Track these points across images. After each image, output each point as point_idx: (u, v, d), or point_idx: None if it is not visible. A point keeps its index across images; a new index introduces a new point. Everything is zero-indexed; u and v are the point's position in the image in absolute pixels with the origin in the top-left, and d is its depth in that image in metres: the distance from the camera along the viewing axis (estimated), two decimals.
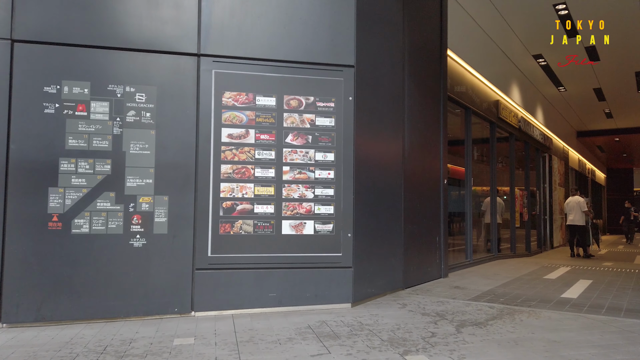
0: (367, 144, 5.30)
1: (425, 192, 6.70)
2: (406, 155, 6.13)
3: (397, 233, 5.86)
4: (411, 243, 6.20)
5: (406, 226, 6.06)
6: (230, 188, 4.74)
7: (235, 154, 4.77)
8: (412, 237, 6.24)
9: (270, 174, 4.84)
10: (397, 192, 5.88)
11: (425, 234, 6.65)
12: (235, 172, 4.76)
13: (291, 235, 4.85)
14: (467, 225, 8.85)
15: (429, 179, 6.87)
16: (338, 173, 4.99)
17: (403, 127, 6.08)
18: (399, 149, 5.95)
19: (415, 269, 6.34)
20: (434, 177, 7.03)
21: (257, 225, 4.78)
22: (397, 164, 5.91)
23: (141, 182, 4.53)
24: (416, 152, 6.45)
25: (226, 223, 4.70)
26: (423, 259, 6.59)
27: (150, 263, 4.50)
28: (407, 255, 6.05)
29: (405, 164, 6.10)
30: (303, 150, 4.93)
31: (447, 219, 7.27)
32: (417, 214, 6.41)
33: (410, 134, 6.26)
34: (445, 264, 7.19)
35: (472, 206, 9.00)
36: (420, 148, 6.57)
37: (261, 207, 4.80)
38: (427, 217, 6.70)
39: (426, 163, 6.78)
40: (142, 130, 4.57)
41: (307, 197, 4.91)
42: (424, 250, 6.61)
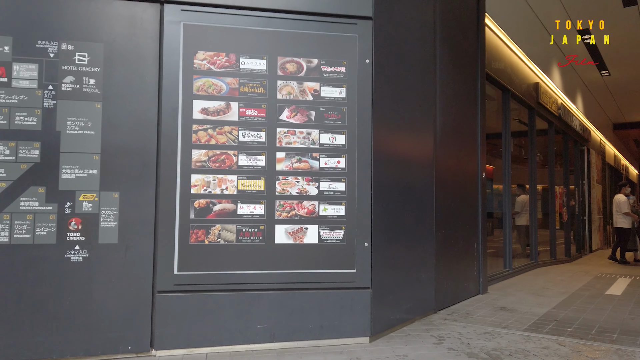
0: (389, 123, 4.01)
1: (460, 188, 5.38)
2: (438, 141, 4.82)
3: (428, 240, 4.56)
4: (444, 252, 4.89)
5: (438, 231, 4.75)
6: (204, 181, 3.50)
7: (212, 135, 3.53)
8: (446, 244, 4.94)
9: (259, 163, 3.59)
10: (427, 187, 4.58)
11: (460, 240, 5.33)
12: (211, 160, 3.52)
13: (288, 245, 3.59)
14: (505, 228, 7.49)
15: (465, 172, 5.55)
16: (351, 161, 3.71)
17: (434, 105, 4.77)
18: (429, 133, 4.64)
19: (450, 285, 5.03)
20: (471, 169, 5.71)
21: (241, 231, 3.53)
22: (428, 152, 4.61)
23: (82, 173, 3.32)
24: (450, 138, 5.13)
25: (199, 229, 3.47)
26: (458, 271, 5.27)
27: (93, 284, 3.28)
28: (439, 269, 4.74)
29: (437, 151, 4.79)
30: (304, 131, 3.66)
31: (487, 220, 5.94)
32: (451, 215, 5.10)
33: (443, 114, 4.95)
34: (485, 277, 5.87)
35: (510, 206, 7.63)
36: (454, 133, 5.25)
37: (247, 208, 3.55)
38: (462, 220, 5.39)
39: (462, 152, 5.46)
40: (83, 102, 3.35)
41: (309, 193, 3.64)
42: (459, 260, 5.29)
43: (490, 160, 7.58)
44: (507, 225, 7.49)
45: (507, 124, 7.61)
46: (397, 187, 4.11)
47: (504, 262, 7.48)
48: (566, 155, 11.76)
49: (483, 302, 5.29)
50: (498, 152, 7.73)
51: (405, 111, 4.27)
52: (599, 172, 16.08)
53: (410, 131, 4.36)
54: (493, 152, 7.61)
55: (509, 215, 7.54)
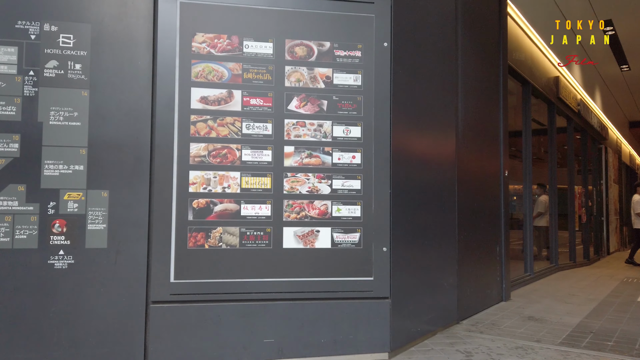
0: (408, 114, 3.62)
1: (482, 186, 4.98)
2: (460, 136, 4.42)
3: (450, 244, 4.16)
4: (466, 257, 4.49)
5: (460, 234, 4.35)
6: (204, 179, 3.13)
7: (212, 127, 3.16)
8: (468, 248, 4.53)
9: (265, 158, 3.21)
10: (449, 185, 4.19)
11: (483, 243, 4.92)
12: (211, 155, 3.15)
13: (297, 250, 3.21)
14: (526, 230, 7.06)
15: (487, 170, 5.15)
16: (367, 156, 3.33)
17: (456, 97, 4.38)
18: (451, 127, 4.24)
19: (472, 292, 4.62)
20: (493, 167, 5.30)
21: (245, 234, 3.15)
22: (449, 147, 4.21)
23: (66, 169, 2.96)
24: (472, 132, 4.73)
25: (198, 232, 3.10)
26: (481, 277, 4.87)
27: (80, 293, 2.92)
28: (461, 275, 4.34)
29: (460, 147, 4.39)
30: (314, 123, 3.28)
31: (509, 221, 5.53)
32: (474, 216, 4.70)
33: (464, 108, 4.55)
34: (508, 283, 5.45)
35: (531, 207, 7.20)
36: (476, 128, 4.85)
37: (252, 208, 3.17)
38: (484, 221, 4.98)
39: (484, 148, 5.05)
40: (68, 90, 2.99)
41: (320, 192, 3.26)
42: (481, 265, 4.89)
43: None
44: (527, 227, 7.07)
45: (527, 120, 7.19)
46: (418, 186, 3.71)
47: (525, 266, 7.06)
48: (585, 153, 11.30)
49: (508, 310, 4.88)
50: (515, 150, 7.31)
51: (426, 102, 3.87)
52: (615, 172, 15.57)
53: (431, 124, 3.96)
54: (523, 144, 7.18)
55: (529, 217, 7.11)
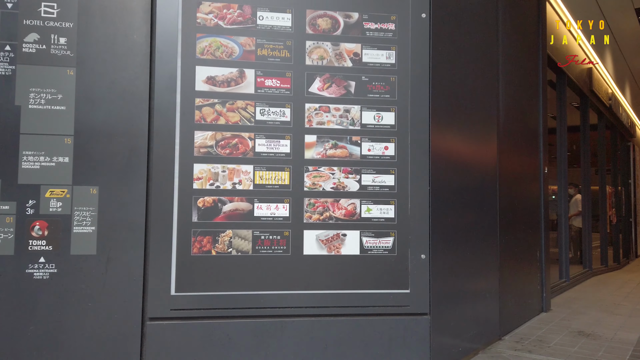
0: (449, 99, 3.12)
1: (522, 184, 4.46)
2: (502, 128, 3.90)
3: (491, 248, 3.65)
4: (507, 263, 3.97)
5: (502, 237, 3.83)
6: (211, 173, 2.65)
7: (221, 112, 2.68)
8: (508, 254, 4.01)
9: (282, 149, 2.73)
10: (490, 182, 3.67)
11: (523, 247, 4.40)
12: (220, 145, 2.67)
13: (320, 257, 2.72)
14: (561, 232, 6.51)
15: (527, 166, 4.62)
16: (402, 147, 2.83)
17: (497, 83, 3.86)
18: (492, 116, 3.73)
19: (513, 303, 4.10)
20: (533, 163, 4.77)
21: (259, 239, 2.67)
22: (491, 139, 3.70)
23: (49, 161, 2.50)
24: (512, 124, 4.21)
25: (204, 236, 2.62)
26: (522, 285, 4.34)
27: (64, 308, 2.47)
28: (503, 283, 3.82)
29: (501, 140, 3.87)
30: (340, 107, 2.79)
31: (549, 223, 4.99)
32: (514, 217, 4.18)
33: (505, 95, 4.03)
34: (548, 292, 4.91)
35: (566, 207, 6.64)
36: (517, 119, 4.33)
37: (267, 208, 2.69)
38: (524, 222, 4.45)
39: (524, 142, 4.53)
40: (51, 68, 2.54)
41: (348, 188, 2.77)
42: (522, 272, 4.36)
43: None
44: (563, 229, 6.51)
45: (562, 113, 6.63)
46: (458, 182, 3.21)
47: (560, 272, 6.50)
48: (614, 151, 10.68)
49: (551, 323, 4.35)
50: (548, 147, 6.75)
51: (468, 87, 3.37)
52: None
53: (473, 112, 3.45)
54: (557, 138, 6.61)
55: (565, 218, 6.55)
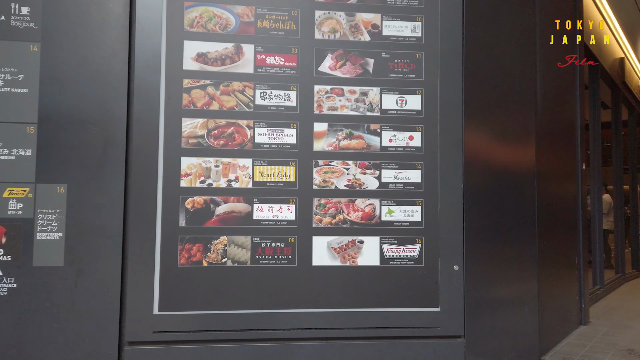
0: (485, 80, 2.65)
1: (559, 182, 3.96)
2: (539, 117, 3.41)
3: (530, 256, 3.16)
4: (546, 272, 3.48)
5: (540, 243, 3.34)
6: (202, 168, 2.22)
7: (214, 96, 2.25)
8: (547, 261, 3.52)
9: (287, 140, 2.28)
10: (527, 179, 3.18)
11: (561, 253, 3.90)
12: (212, 135, 2.24)
13: (332, 269, 2.28)
14: (595, 235, 5.97)
15: (564, 162, 4.12)
16: (430, 136, 2.37)
17: (535, 66, 3.37)
18: (530, 105, 3.24)
19: (552, 317, 3.61)
20: (570, 158, 4.27)
21: (259, 247, 2.23)
22: (529, 130, 3.21)
23: (7, 154, 2.09)
24: (550, 113, 3.71)
25: (193, 243, 2.19)
26: (561, 297, 3.84)
27: (25, 330, 2.05)
28: (541, 295, 3.33)
29: (538, 132, 3.38)
30: (356, 90, 2.34)
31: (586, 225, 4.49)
32: (552, 219, 3.68)
33: (542, 81, 3.54)
34: (587, 301, 4.41)
35: (600, 208, 6.11)
36: (554, 109, 3.83)
37: (268, 210, 2.25)
38: (562, 225, 3.96)
39: (560, 136, 4.03)
40: (11, 43, 2.13)
41: (365, 186, 2.32)
42: (560, 281, 3.86)
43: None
44: (597, 232, 5.97)
45: (596, 106, 6.10)
46: (494, 179, 2.74)
47: (594, 278, 5.96)
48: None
49: (594, 339, 3.84)
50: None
51: (503, 69, 2.89)
52: None
53: (509, 99, 2.97)
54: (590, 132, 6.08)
55: (599, 220, 6.02)
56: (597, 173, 6.06)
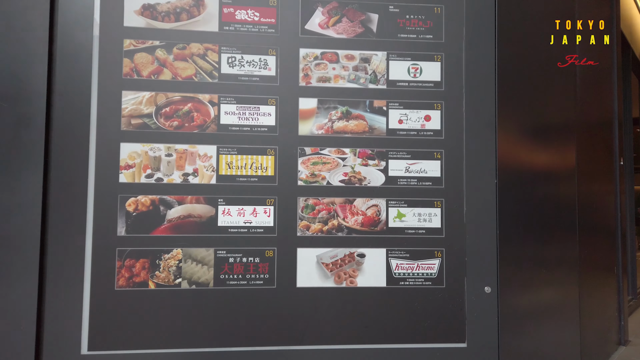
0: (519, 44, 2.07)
1: (596, 176, 3.38)
2: (579, 99, 2.83)
3: (570, 270, 2.58)
4: (586, 288, 2.89)
5: (582, 252, 2.76)
6: (149, 158, 1.66)
7: (166, 62, 1.69)
8: (587, 274, 2.93)
9: (264, 121, 1.72)
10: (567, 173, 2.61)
11: (601, 264, 3.32)
12: (163, 114, 1.68)
13: (324, 292, 1.71)
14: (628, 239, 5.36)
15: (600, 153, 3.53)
16: (453, 117, 1.79)
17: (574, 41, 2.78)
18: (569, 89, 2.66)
19: (593, 340, 3.02)
20: (608, 155, 3.68)
21: (225, 263, 1.67)
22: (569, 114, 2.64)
23: None
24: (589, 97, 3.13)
25: (137, 258, 1.63)
26: (601, 315, 3.26)
27: None
28: (583, 317, 2.75)
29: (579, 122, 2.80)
30: (355, 55, 1.77)
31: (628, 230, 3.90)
32: (592, 221, 3.10)
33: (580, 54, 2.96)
34: (626, 318, 3.81)
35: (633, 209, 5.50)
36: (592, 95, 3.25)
37: (239, 213, 1.69)
38: (599, 229, 3.37)
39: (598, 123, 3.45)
40: None
41: (367, 182, 1.75)
42: (601, 297, 3.28)
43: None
44: (630, 232, 5.36)
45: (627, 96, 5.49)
46: (532, 174, 2.17)
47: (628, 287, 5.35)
48: None
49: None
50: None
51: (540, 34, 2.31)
52: None
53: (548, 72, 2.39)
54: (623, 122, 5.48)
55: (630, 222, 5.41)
56: (630, 171, 5.45)
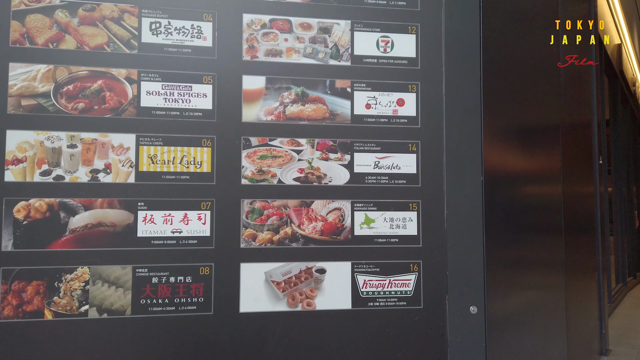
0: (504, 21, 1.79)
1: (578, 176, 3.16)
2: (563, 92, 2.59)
3: (556, 279, 2.33)
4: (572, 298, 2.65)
5: (567, 258, 2.51)
6: (45, 149, 1.28)
7: (68, 26, 1.31)
8: (571, 280, 2.70)
9: (197, 103, 1.36)
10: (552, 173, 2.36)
11: (583, 270, 3.09)
12: (64, 93, 1.30)
13: (274, 318, 1.36)
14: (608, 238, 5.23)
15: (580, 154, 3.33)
16: (431, 101, 1.49)
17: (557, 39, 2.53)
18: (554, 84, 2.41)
19: (578, 351, 2.79)
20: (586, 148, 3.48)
21: (147, 284, 1.31)
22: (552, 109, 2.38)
23: None
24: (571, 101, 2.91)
25: (27, 280, 1.25)
26: (584, 326, 3.03)
27: None
28: (569, 328, 2.50)
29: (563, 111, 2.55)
30: (313, 24, 1.44)
31: None
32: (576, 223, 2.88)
33: None
34: (607, 327, 3.62)
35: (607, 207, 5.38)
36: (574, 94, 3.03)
37: (165, 221, 1.33)
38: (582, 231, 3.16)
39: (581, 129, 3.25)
40: None
41: (328, 180, 1.42)
42: (583, 305, 3.06)
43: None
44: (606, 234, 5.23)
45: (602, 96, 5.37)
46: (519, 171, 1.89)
47: None
48: None
49: None
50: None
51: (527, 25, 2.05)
52: None
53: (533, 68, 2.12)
54: None
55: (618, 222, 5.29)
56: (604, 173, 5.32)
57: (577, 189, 3.03)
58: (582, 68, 3.34)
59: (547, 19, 2.41)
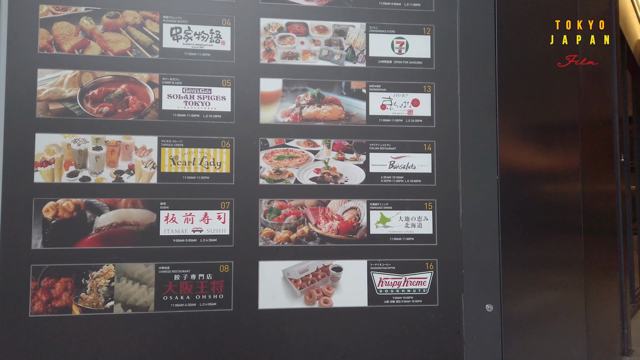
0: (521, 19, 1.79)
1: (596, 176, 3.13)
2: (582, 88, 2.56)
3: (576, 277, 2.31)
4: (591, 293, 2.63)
5: (587, 256, 2.49)
6: (72, 152, 1.34)
7: (93, 33, 1.37)
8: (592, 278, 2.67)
9: (216, 106, 1.40)
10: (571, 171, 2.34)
11: (604, 270, 3.06)
12: (90, 98, 1.35)
13: (291, 315, 1.40)
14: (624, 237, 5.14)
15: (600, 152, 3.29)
16: (446, 102, 1.50)
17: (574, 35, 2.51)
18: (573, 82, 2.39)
19: (599, 350, 2.76)
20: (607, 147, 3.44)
21: (169, 281, 1.35)
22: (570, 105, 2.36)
23: None
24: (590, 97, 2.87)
25: (56, 277, 1.31)
26: (606, 326, 3.00)
27: None
28: (589, 331, 2.48)
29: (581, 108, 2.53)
30: (328, 27, 1.47)
31: None
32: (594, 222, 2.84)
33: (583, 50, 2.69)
34: (630, 327, 3.57)
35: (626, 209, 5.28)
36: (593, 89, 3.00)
37: (186, 220, 1.37)
38: (604, 229, 3.13)
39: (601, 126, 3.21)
40: None
41: (344, 179, 1.45)
42: (605, 304, 3.02)
43: None
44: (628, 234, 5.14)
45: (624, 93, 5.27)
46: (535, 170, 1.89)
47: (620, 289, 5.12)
48: None
49: None
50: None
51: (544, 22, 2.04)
52: None
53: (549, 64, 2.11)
54: None
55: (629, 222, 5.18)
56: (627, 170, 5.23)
57: (597, 187, 2.99)
58: (602, 65, 3.29)
59: (566, 16, 2.38)
